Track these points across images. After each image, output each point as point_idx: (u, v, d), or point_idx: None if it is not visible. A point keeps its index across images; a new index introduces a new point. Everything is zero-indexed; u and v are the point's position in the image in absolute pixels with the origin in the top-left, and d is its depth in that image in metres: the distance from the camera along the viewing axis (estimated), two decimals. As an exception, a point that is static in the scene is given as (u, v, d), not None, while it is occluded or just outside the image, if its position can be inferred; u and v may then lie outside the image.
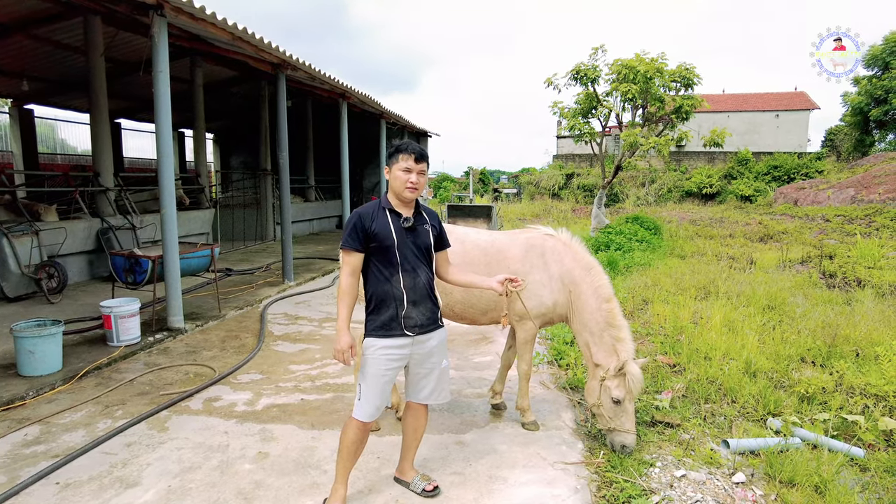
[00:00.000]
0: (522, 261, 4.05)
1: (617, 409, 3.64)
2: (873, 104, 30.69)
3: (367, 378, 2.99)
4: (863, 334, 5.75)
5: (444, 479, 3.40)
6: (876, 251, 11.05)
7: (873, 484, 3.34)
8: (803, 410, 4.32)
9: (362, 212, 3.01)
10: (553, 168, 37.81)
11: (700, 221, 18.90)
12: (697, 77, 13.40)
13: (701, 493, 3.28)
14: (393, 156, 3.01)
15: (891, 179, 19.01)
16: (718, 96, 39.53)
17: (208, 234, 12.24)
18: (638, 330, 6.48)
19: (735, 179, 30.24)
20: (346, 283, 2.95)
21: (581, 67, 13.81)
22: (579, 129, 14.25)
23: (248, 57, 9.21)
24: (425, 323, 3.06)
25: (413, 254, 3.03)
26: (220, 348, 6.04)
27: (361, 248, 2.96)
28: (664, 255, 11.86)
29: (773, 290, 7.93)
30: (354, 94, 12.42)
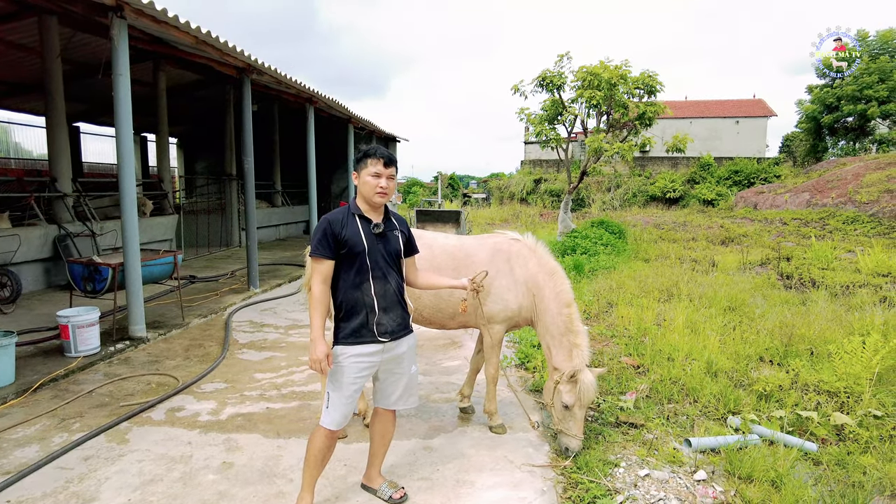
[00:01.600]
0: (488, 265, 4.09)
1: (566, 414, 3.72)
2: (825, 111, 31.88)
3: (336, 386, 2.97)
4: (817, 333, 5.96)
5: (412, 484, 3.40)
6: (829, 253, 11.46)
7: (825, 477, 3.46)
8: (761, 408, 4.45)
9: (332, 218, 2.98)
10: (521, 173, 38.17)
11: (664, 225, 19.31)
12: (660, 84, 13.71)
13: (664, 491, 3.35)
14: (361, 161, 3.00)
15: (842, 184, 19.76)
16: (681, 103, 40.52)
17: (172, 240, 11.98)
18: (603, 332, 6.59)
19: (697, 184, 31.00)
20: (319, 292, 2.91)
21: (547, 74, 13.99)
22: (546, 135, 14.42)
23: (212, 61, 9.07)
24: (396, 329, 3.05)
25: (383, 260, 3.02)
26: (183, 357, 5.91)
27: (332, 256, 2.93)
28: (629, 259, 12.08)
29: (733, 291, 8.16)
30: (321, 99, 12.34)
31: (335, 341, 3.00)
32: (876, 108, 29.60)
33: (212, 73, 11.54)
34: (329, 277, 2.96)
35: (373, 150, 3.00)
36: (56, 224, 9.02)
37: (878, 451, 3.72)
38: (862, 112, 30.05)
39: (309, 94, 11.71)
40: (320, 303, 2.92)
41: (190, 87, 14.75)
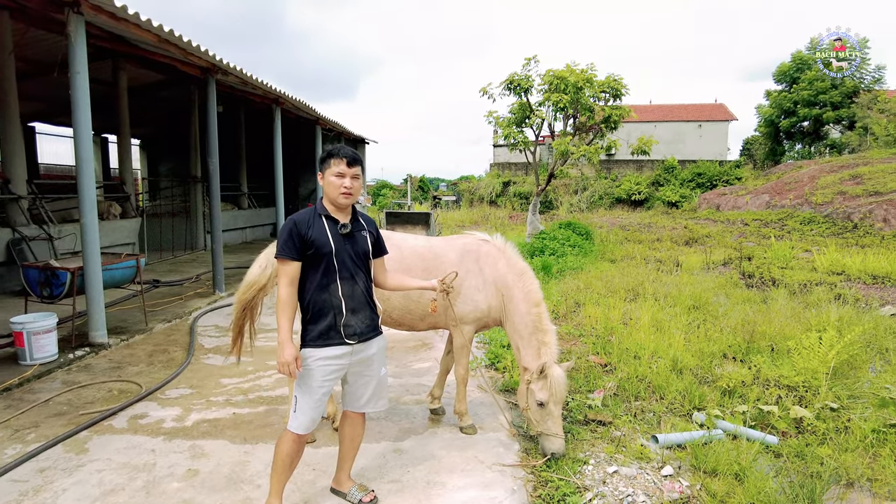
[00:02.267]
0: (458, 266, 4.09)
1: (542, 412, 3.71)
2: (783, 116, 32.96)
3: (304, 389, 2.93)
4: (777, 330, 6.14)
5: (382, 487, 3.38)
6: (788, 252, 11.83)
7: (785, 468, 3.57)
8: (725, 403, 4.56)
9: (297, 218, 2.93)
10: (490, 176, 38.38)
11: (629, 227, 19.65)
12: (625, 88, 13.95)
13: (632, 487, 3.40)
14: (325, 161, 2.96)
15: (799, 186, 20.42)
16: (646, 107, 41.35)
17: (134, 244, 11.67)
18: (570, 331, 6.67)
19: (662, 186, 31.64)
20: (286, 294, 2.87)
21: (514, 77, 14.10)
22: (514, 138, 14.53)
23: (175, 60, 8.88)
24: (364, 331, 3.02)
25: (351, 261, 2.99)
26: (147, 363, 5.76)
27: (298, 257, 2.88)
28: (595, 260, 12.26)
29: (697, 290, 8.35)
30: (288, 100, 12.20)
31: (303, 344, 2.95)
32: (829, 112, 30.69)
33: (175, 74, 11.28)
34: (296, 279, 2.90)
35: (336, 150, 2.96)
36: (10, 227, 8.69)
37: (834, 443, 3.86)
38: (817, 116, 31.12)
39: (276, 94, 11.57)
40: (287, 305, 2.87)
41: (153, 87, 14.40)
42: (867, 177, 18.21)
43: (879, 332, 6.01)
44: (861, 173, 18.78)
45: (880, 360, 5.47)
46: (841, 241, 13.99)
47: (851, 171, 19.47)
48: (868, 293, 8.31)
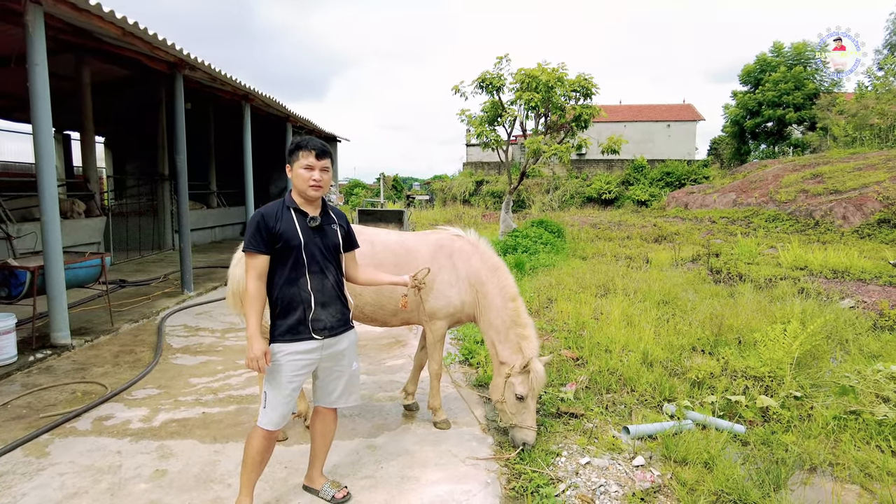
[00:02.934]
0: (431, 261, 4.08)
1: (520, 406, 3.73)
2: (748, 116, 33.81)
3: (273, 385, 2.88)
4: (743, 323, 6.28)
5: (356, 483, 3.35)
6: (753, 249, 12.12)
7: (753, 456, 3.65)
8: (694, 395, 4.65)
9: (265, 211, 2.88)
10: (464, 175, 38.49)
11: (600, 225, 19.91)
12: (595, 87, 14.10)
13: (604, 478, 3.44)
14: (293, 153, 2.91)
15: (764, 185, 20.94)
16: (616, 107, 41.94)
17: (100, 243, 11.36)
18: (543, 327, 6.71)
19: (632, 185, 32.14)
20: (254, 288, 2.82)
21: (486, 76, 14.15)
22: (486, 137, 14.58)
23: (140, 55, 8.66)
24: (335, 325, 2.99)
25: (321, 254, 2.95)
26: (112, 364, 5.61)
27: (266, 250, 2.83)
28: (567, 257, 12.39)
29: (666, 286, 8.49)
30: (258, 97, 12.03)
31: (272, 339, 2.90)
32: (792, 113, 31.57)
33: (142, 69, 11.00)
34: (264, 273, 2.85)
35: (305, 142, 2.91)
36: (-33, 227, 8.39)
37: (798, 430, 3.96)
38: (780, 117, 31.99)
39: (245, 90, 11.39)
40: (256, 299, 2.81)
41: (118, 83, 14.04)
42: (827, 175, 18.77)
43: (839, 324, 6.19)
44: (822, 172, 19.34)
45: (840, 350, 5.64)
46: (804, 238, 14.39)
47: (813, 170, 20.04)
48: (829, 287, 8.56)
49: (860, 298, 7.84)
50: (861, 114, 24.82)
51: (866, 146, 23.30)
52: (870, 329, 6.30)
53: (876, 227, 14.59)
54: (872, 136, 24.08)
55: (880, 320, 6.66)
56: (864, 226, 14.91)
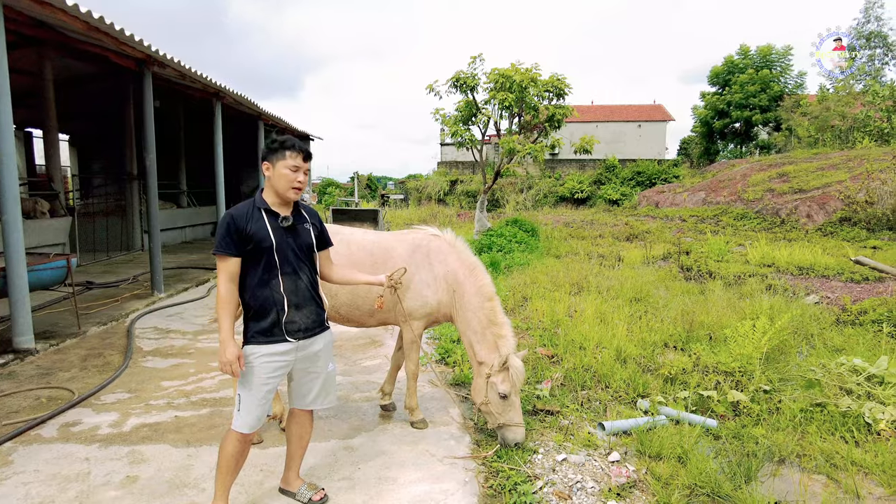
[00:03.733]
0: (407, 261, 4.07)
1: (504, 404, 3.71)
2: (717, 117, 34.55)
3: (247, 388, 2.83)
4: (714, 319, 6.42)
5: (333, 485, 3.32)
6: (723, 246, 12.38)
7: (724, 449, 3.73)
8: (667, 390, 4.73)
9: (235, 213, 2.82)
10: (438, 175, 38.49)
11: (573, 224, 20.11)
12: (568, 87, 14.25)
13: (581, 474, 3.48)
14: (277, 152, 2.83)
15: (732, 184, 21.42)
16: (588, 107, 42.43)
17: (65, 244, 11.03)
18: (518, 325, 6.75)
19: (603, 185, 32.53)
20: (226, 291, 2.77)
21: (461, 75, 14.18)
22: (461, 136, 14.61)
23: (107, 51, 8.44)
24: (310, 326, 2.95)
25: (294, 255, 2.90)
26: (80, 368, 5.46)
27: (237, 252, 2.77)
28: (541, 255, 12.49)
29: (638, 283, 8.62)
30: (229, 94, 11.84)
31: (245, 341, 2.86)
32: (759, 115, 32.35)
33: (108, 65, 10.73)
34: (236, 275, 2.80)
35: (291, 142, 2.86)
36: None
37: (767, 423, 4.06)
38: (748, 118, 32.75)
39: (216, 88, 11.19)
40: (228, 303, 2.77)
41: (84, 79, 13.64)
42: (792, 175, 19.29)
43: (805, 319, 6.37)
44: (787, 172, 19.87)
45: (806, 344, 5.80)
46: (770, 236, 14.77)
47: (779, 169, 20.58)
48: (795, 283, 8.80)
49: (824, 294, 8.08)
50: (823, 115, 25.57)
51: (828, 147, 24.02)
52: (833, 324, 6.49)
53: (838, 225, 15.06)
54: (833, 137, 24.83)
55: (843, 315, 6.87)
56: (827, 224, 15.37)
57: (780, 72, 33.19)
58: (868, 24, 32.59)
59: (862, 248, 12.16)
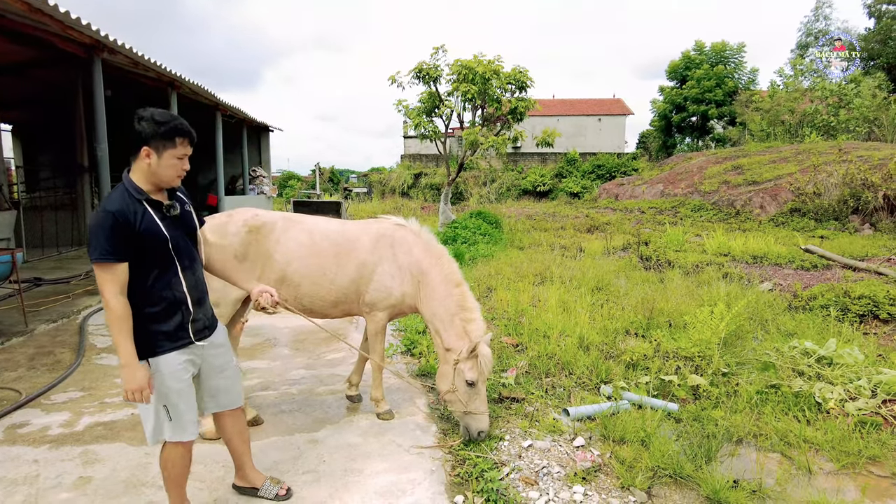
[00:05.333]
0: (372, 251, 4.01)
1: (471, 392, 3.67)
2: (675, 111, 35.34)
3: (169, 398, 2.53)
4: (673, 307, 6.57)
5: (297, 479, 3.26)
6: (681, 237, 12.68)
7: (685, 432, 3.82)
8: (629, 376, 4.82)
9: (117, 209, 2.38)
10: (402, 168, 38.31)
11: (535, 216, 20.31)
12: (530, 80, 14.34)
13: (546, 459, 3.51)
14: (166, 137, 2.47)
15: (689, 176, 21.96)
16: (549, 101, 42.79)
17: (10, 239, 10.53)
18: (484, 315, 6.73)
19: (565, 178, 32.97)
20: (120, 305, 2.37)
21: (423, 66, 14.11)
22: (424, 128, 14.56)
23: (52, 35, 8.05)
24: (211, 321, 2.77)
25: (187, 246, 2.63)
26: (27, 367, 5.21)
27: (127, 256, 2.38)
28: (505, 247, 12.57)
29: (600, 273, 8.76)
30: (185, 84, 11.48)
31: (149, 353, 2.50)
32: (714, 109, 33.24)
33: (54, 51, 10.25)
34: (126, 284, 2.40)
35: (182, 128, 2.53)
36: None
37: (725, 405, 4.18)
38: (704, 112, 33.62)
39: (171, 77, 10.83)
40: (125, 319, 2.38)
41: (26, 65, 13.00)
42: (746, 168, 19.89)
43: (760, 306, 6.58)
44: (741, 164, 20.48)
45: (761, 329, 5.99)
46: (726, 226, 15.20)
47: (733, 162, 21.19)
48: (750, 271, 9.08)
49: (777, 281, 8.36)
50: (774, 110, 26.45)
51: (779, 140, 24.86)
52: (786, 309, 6.72)
53: (789, 215, 15.60)
54: (784, 131, 25.71)
55: (794, 301, 7.11)
56: (779, 214, 15.92)
57: (734, 68, 34.18)
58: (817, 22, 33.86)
59: (811, 237, 12.63)
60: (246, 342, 5.96)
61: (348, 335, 6.40)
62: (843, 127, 23.34)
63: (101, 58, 8.44)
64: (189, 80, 11.45)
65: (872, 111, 22.57)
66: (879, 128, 22.04)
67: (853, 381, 4.37)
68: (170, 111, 2.60)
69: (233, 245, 3.73)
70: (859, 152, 16.75)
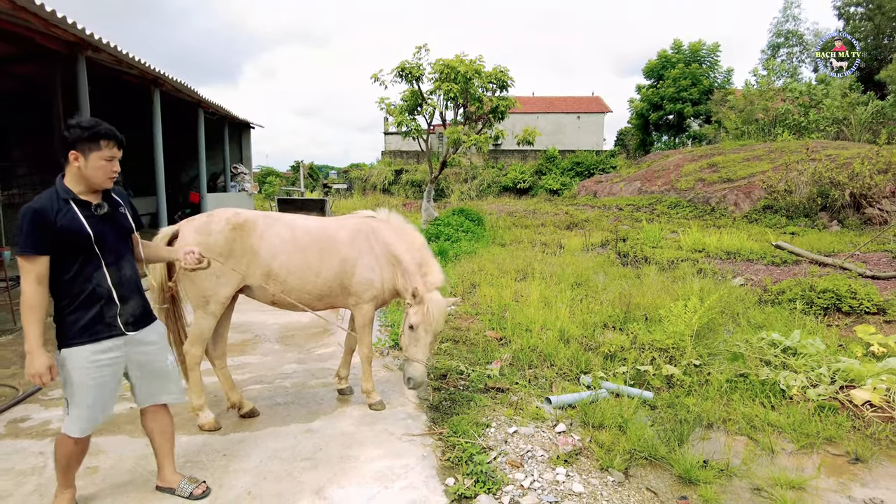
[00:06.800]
0: (351, 245, 4.15)
1: (411, 336, 3.93)
2: (652, 110, 35.92)
3: (72, 392, 2.70)
4: (649, 301, 6.85)
5: (296, 465, 3.44)
6: (657, 233, 13.05)
7: (660, 418, 4.08)
8: (607, 366, 5.07)
9: (39, 207, 2.57)
10: (382, 164, 38.38)
11: (516, 213, 20.61)
12: (511, 79, 14.58)
13: (531, 444, 3.73)
14: (90, 141, 2.62)
15: (666, 174, 22.45)
16: (529, 98, 43.15)
17: (-11, 237, 10.47)
18: (468, 310, 7.00)
19: (545, 175, 33.36)
20: (36, 294, 2.56)
21: (406, 65, 14.25)
22: (407, 126, 14.71)
23: (34, 32, 8.04)
24: (139, 318, 2.87)
25: (115, 243, 2.78)
26: (20, 364, 5.27)
27: (47, 251, 2.57)
28: (487, 244, 12.81)
29: (579, 269, 9.04)
30: (168, 81, 11.46)
31: (61, 344, 2.69)
32: (690, 108, 33.86)
33: (32, 47, 10.18)
34: (45, 276, 2.59)
35: (106, 131, 2.66)
36: None
37: (697, 393, 4.46)
38: (680, 111, 34.22)
39: (154, 75, 10.82)
40: (39, 308, 2.58)
41: (3, 61, 12.85)
42: (721, 165, 20.41)
43: (732, 300, 6.89)
44: (716, 162, 21.00)
45: (733, 322, 6.30)
46: (702, 223, 15.64)
47: (709, 160, 21.71)
48: (723, 267, 9.43)
49: (749, 276, 8.72)
50: (748, 109, 27.11)
51: (753, 139, 25.50)
52: (756, 303, 7.05)
53: (762, 212, 16.10)
54: (757, 129, 26.37)
55: (764, 295, 7.45)
56: (752, 211, 16.41)
57: (710, 67, 34.89)
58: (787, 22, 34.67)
59: (782, 233, 13.09)
60: (235, 338, 6.09)
61: (335, 330, 6.55)
62: (813, 126, 24.03)
63: (86, 56, 8.44)
64: (172, 78, 11.45)
65: (842, 111, 23.28)
66: (848, 127, 22.76)
67: (814, 370, 4.67)
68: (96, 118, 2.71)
69: (217, 243, 3.85)
70: (828, 151, 17.33)
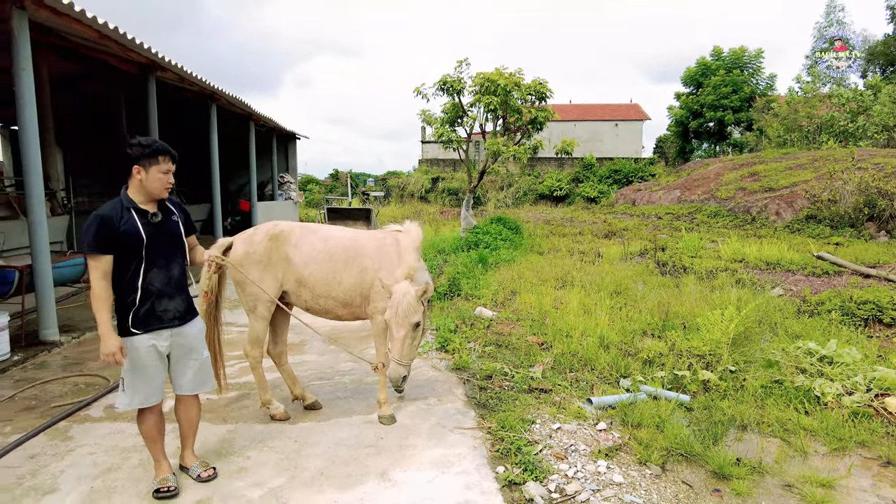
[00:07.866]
0: (373, 256, 4.39)
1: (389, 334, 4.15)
2: (691, 117, 35.54)
3: (131, 372, 3.17)
4: (688, 310, 7.04)
5: (361, 451, 3.82)
6: (697, 243, 13.11)
7: (696, 419, 4.33)
8: (646, 371, 5.32)
9: (105, 214, 3.04)
10: (419, 172, 38.93)
11: (553, 221, 20.78)
12: (550, 91, 14.85)
13: (573, 439, 4.04)
14: (150, 157, 3.08)
15: (706, 182, 22.30)
16: (566, 106, 43.21)
17: (62, 242, 11.29)
18: (509, 316, 7.31)
19: (582, 183, 33.37)
20: (101, 288, 3.01)
21: (447, 79, 14.67)
22: (447, 137, 15.13)
23: (110, 56, 8.76)
24: (183, 314, 3.29)
25: (165, 248, 3.21)
26: (104, 358, 5.84)
27: (110, 251, 3.02)
28: (525, 252, 13.07)
29: (618, 278, 9.24)
30: (224, 96, 12.18)
31: (121, 333, 3.14)
32: (731, 115, 33.39)
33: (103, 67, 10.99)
34: (109, 273, 3.04)
35: (162, 148, 3.12)
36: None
37: (732, 397, 4.68)
38: (720, 118, 33.79)
39: (211, 90, 11.54)
40: (104, 299, 3.02)
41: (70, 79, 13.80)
42: (763, 174, 20.20)
43: (770, 310, 7.02)
44: (758, 171, 20.79)
45: (770, 332, 6.44)
46: (741, 233, 15.58)
47: (750, 168, 21.50)
48: (762, 277, 9.50)
49: (788, 287, 8.78)
50: (791, 117, 26.64)
51: (796, 147, 25.07)
52: (794, 313, 7.15)
53: (804, 222, 15.92)
54: (801, 137, 25.90)
55: (803, 306, 7.54)
56: (794, 221, 16.24)
57: (752, 73, 34.34)
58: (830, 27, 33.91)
59: (826, 244, 12.98)
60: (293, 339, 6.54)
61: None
62: (860, 133, 23.49)
63: (155, 76, 9.12)
64: (227, 93, 12.15)
65: (892, 118, 22.68)
66: (897, 135, 22.19)
67: (850, 378, 4.83)
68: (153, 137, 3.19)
69: (257, 252, 4.27)
70: (876, 159, 17.02)
